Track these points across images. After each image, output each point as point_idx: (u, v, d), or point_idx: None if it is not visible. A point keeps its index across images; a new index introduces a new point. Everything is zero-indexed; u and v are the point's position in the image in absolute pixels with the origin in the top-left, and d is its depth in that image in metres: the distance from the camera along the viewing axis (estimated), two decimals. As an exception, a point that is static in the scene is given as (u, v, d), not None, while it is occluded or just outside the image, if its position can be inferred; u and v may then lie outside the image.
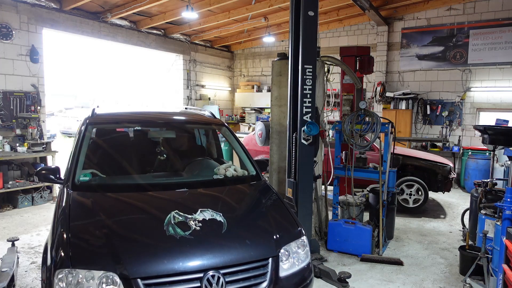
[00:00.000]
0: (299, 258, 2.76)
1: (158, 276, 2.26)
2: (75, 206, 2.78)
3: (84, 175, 3.12)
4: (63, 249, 2.34)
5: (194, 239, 2.49)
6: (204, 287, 2.30)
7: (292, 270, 2.66)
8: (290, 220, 3.02)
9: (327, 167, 5.37)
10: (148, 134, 4.23)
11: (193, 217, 2.65)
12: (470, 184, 8.68)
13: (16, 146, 6.85)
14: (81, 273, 2.22)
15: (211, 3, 8.55)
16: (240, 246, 2.58)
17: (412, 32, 10.24)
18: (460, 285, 4.10)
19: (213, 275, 2.34)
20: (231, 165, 3.71)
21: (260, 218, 2.98)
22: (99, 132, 3.85)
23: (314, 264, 4.19)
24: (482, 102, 9.58)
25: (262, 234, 2.77)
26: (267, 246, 2.65)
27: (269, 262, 2.56)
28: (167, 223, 2.56)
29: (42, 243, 5.08)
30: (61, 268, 2.24)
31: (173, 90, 11.65)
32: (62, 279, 2.22)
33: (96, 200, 2.84)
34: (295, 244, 2.78)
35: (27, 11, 7.36)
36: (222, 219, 2.70)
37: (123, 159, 3.70)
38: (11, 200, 6.79)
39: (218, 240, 2.56)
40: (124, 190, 3.12)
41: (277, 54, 5.60)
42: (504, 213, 3.38)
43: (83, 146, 3.31)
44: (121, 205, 2.93)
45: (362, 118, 4.99)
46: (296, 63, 4.54)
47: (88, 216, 2.67)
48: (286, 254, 2.69)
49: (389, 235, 5.44)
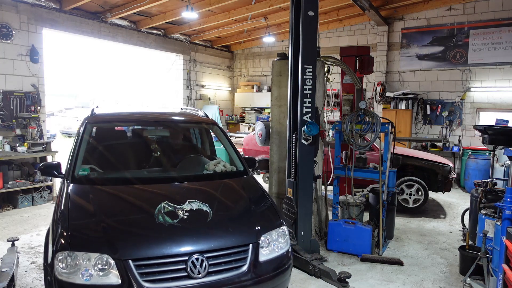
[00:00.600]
0: (279, 246, 3.01)
1: (147, 258, 2.53)
2: (74, 197, 3.03)
3: (83, 170, 3.37)
4: (62, 235, 2.60)
5: (181, 226, 2.76)
6: (189, 268, 2.56)
7: (271, 256, 2.92)
8: (272, 211, 3.27)
9: (327, 167, 5.36)
10: (144, 132, 4.48)
11: (181, 207, 2.91)
12: (470, 184, 8.68)
13: (16, 146, 6.84)
14: (79, 255, 2.49)
15: (211, 3, 8.55)
16: (223, 233, 2.86)
17: (412, 32, 10.24)
18: (460, 285, 4.10)
19: (197, 258, 2.61)
20: (221, 162, 3.98)
21: (244, 208, 3.25)
22: (97, 130, 4.05)
23: (314, 264, 4.20)
24: (482, 102, 9.58)
25: (244, 223, 3.06)
26: (248, 233, 2.92)
27: (249, 248, 2.83)
28: (157, 212, 2.82)
29: (42, 243, 5.08)
30: (61, 251, 2.50)
31: (173, 90, 11.65)
32: (62, 260, 2.48)
33: (93, 192, 3.11)
34: (275, 233, 3.04)
35: (27, 11, 7.36)
36: (208, 209, 2.96)
37: (120, 155, 3.98)
38: (11, 200, 6.79)
39: (203, 227, 2.83)
40: (119, 183, 3.37)
41: (277, 54, 5.60)
42: (504, 213, 3.38)
43: (82, 144, 3.56)
44: (116, 196, 3.18)
45: (362, 118, 4.99)
46: (296, 63, 4.54)
47: (86, 206, 2.94)
48: (266, 241, 2.95)
49: (389, 235, 5.44)
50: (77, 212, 2.86)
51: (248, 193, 3.46)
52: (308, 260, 4.27)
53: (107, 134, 4.24)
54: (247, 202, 3.33)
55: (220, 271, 2.66)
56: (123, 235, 2.71)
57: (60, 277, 2.45)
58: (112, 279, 2.46)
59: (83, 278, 2.45)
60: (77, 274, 2.45)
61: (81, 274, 2.45)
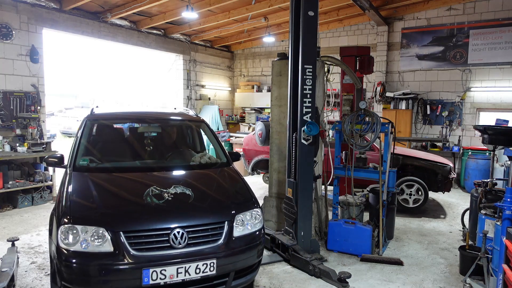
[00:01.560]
0: (252, 225, 3.49)
1: (136, 231, 3.01)
2: (75, 182, 3.52)
3: (83, 160, 3.88)
4: (65, 212, 3.09)
5: (166, 206, 3.26)
6: (171, 240, 3.03)
7: (244, 233, 3.40)
8: (247, 196, 3.75)
9: (327, 167, 5.36)
10: (138, 129, 4.97)
11: (167, 191, 3.39)
12: (470, 184, 8.68)
13: (16, 146, 6.84)
14: (78, 228, 2.95)
15: (211, 3, 8.55)
16: (202, 212, 3.35)
17: (412, 32, 10.24)
18: (460, 285, 4.10)
19: (178, 231, 3.07)
20: (206, 154, 4.54)
21: (222, 193, 3.73)
22: (96, 127, 4.51)
23: (314, 264, 4.20)
24: (482, 102, 9.58)
25: (222, 204, 3.55)
26: (224, 213, 3.39)
27: (225, 225, 3.30)
28: (146, 195, 3.31)
29: (42, 243, 5.08)
30: (63, 225, 2.97)
31: (173, 90, 11.65)
32: (64, 233, 2.95)
33: (91, 178, 3.59)
34: (249, 214, 3.52)
35: (27, 11, 7.36)
36: (190, 193, 3.46)
37: (116, 149, 4.50)
38: (11, 200, 6.78)
39: (184, 207, 3.33)
40: (115, 171, 3.90)
41: (277, 54, 5.60)
42: (504, 213, 3.38)
43: (82, 138, 4.10)
44: (111, 182, 3.67)
45: (362, 118, 4.99)
46: (296, 63, 4.54)
47: (85, 189, 3.44)
48: (241, 220, 3.42)
49: (389, 235, 5.44)
50: (77, 193, 3.36)
51: (228, 181, 3.96)
52: (308, 260, 4.27)
53: (105, 130, 4.68)
54: (226, 188, 3.81)
55: (198, 243, 3.13)
56: (116, 212, 3.20)
57: (63, 246, 2.91)
58: (106, 247, 2.92)
59: (82, 247, 2.90)
60: (76, 244, 2.91)
61: (80, 243, 2.91)
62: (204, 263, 3.07)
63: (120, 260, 2.89)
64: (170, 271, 2.96)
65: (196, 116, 5.16)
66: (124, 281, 2.91)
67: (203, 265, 3.07)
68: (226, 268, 3.21)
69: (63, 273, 2.91)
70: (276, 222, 5.51)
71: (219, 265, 3.14)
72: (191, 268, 3.03)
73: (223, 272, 3.19)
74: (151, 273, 2.91)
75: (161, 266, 2.94)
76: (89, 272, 2.88)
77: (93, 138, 4.40)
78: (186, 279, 3.01)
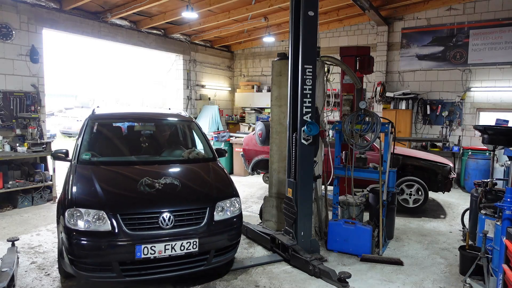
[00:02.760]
0: (231, 211, 4.06)
1: (130, 213, 3.60)
2: (79, 173, 4.07)
3: (85, 155, 4.40)
4: (70, 197, 3.69)
5: (156, 193, 3.83)
6: (160, 222, 3.61)
7: (224, 217, 3.97)
8: (228, 186, 4.30)
9: (327, 167, 5.36)
10: (135, 128, 5.50)
11: (158, 181, 3.96)
12: (470, 184, 8.68)
13: (16, 146, 6.84)
14: (82, 210, 3.53)
15: (211, 3, 8.55)
16: (187, 199, 3.95)
17: (412, 32, 10.24)
18: (460, 285, 4.10)
19: (166, 214, 3.65)
20: (194, 150, 5.07)
21: (206, 183, 4.28)
22: (97, 126, 5.00)
23: (314, 264, 4.20)
24: (482, 102, 9.58)
25: (205, 193, 4.09)
26: (206, 200, 3.96)
27: (207, 210, 3.87)
28: (139, 184, 3.88)
29: (42, 243, 5.09)
30: (69, 208, 3.55)
31: (173, 90, 11.64)
32: (69, 215, 3.53)
33: (93, 169, 4.15)
34: (229, 202, 4.08)
35: (27, 11, 7.36)
36: (178, 183, 4.04)
37: (114, 145, 5.02)
38: (11, 200, 6.78)
39: (172, 195, 3.91)
40: (113, 164, 4.44)
41: (277, 54, 5.59)
42: (504, 213, 3.38)
43: (85, 135, 4.64)
44: (110, 173, 4.21)
45: (362, 118, 4.99)
46: (296, 63, 4.54)
47: (87, 178, 3.96)
48: (221, 207, 3.99)
49: (389, 235, 5.44)
50: (81, 182, 3.92)
51: (212, 173, 4.46)
52: (308, 260, 4.27)
53: (105, 128, 5.17)
54: (210, 179, 4.34)
55: (183, 225, 3.70)
56: (114, 198, 3.78)
57: (69, 225, 3.49)
58: (105, 227, 3.49)
59: (85, 226, 3.48)
60: (80, 223, 3.49)
61: (83, 223, 3.49)
62: (188, 241, 3.65)
63: (117, 237, 3.47)
64: (158, 248, 3.54)
65: (188, 116, 5.69)
66: (120, 255, 3.48)
67: (187, 243, 3.64)
68: (207, 246, 3.77)
69: (70, 248, 3.47)
70: (276, 222, 5.52)
71: (201, 243, 3.71)
72: (176, 246, 3.60)
73: (204, 250, 3.76)
74: (143, 249, 3.49)
75: (151, 243, 3.52)
76: (91, 247, 3.46)
77: (95, 135, 4.88)
78: (172, 254, 3.60)
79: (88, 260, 3.49)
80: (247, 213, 6.75)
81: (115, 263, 3.47)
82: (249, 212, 6.82)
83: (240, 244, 5.16)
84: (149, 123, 5.55)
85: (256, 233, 5.22)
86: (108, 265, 3.49)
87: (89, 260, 3.49)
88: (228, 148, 10.45)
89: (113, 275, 3.50)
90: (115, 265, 3.48)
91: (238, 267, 4.38)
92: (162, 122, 5.62)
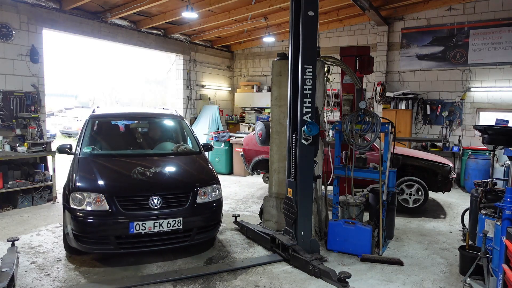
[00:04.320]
0: (211, 195, 4.70)
1: (125, 196, 4.26)
2: (81, 163, 4.74)
3: (87, 148, 5.08)
4: (74, 183, 4.36)
5: (147, 180, 4.47)
6: (150, 203, 4.25)
7: (205, 201, 4.61)
8: (210, 174, 4.97)
9: (327, 167, 5.36)
10: (131, 125, 6.17)
11: (149, 170, 4.61)
12: (470, 184, 8.68)
13: (16, 146, 6.84)
14: (84, 194, 4.20)
15: (211, 3, 8.55)
16: (174, 184, 4.65)
17: (412, 32, 10.24)
18: (460, 285, 4.10)
19: (155, 197, 4.30)
20: (183, 145, 5.71)
21: (190, 172, 5.03)
22: (97, 123, 5.70)
23: (314, 264, 4.20)
24: (482, 102, 9.58)
25: (189, 180, 4.79)
26: (190, 186, 4.60)
27: (190, 194, 4.51)
28: (133, 172, 4.52)
29: (42, 243, 5.09)
30: (73, 192, 4.24)
31: (173, 90, 11.65)
32: (73, 197, 4.21)
33: (93, 161, 4.84)
34: (210, 188, 4.73)
35: (27, 11, 7.37)
36: (166, 172, 4.81)
37: (113, 140, 5.70)
38: (11, 200, 6.78)
39: (161, 181, 4.61)
40: (111, 156, 5.13)
41: (277, 54, 5.59)
42: (504, 213, 3.38)
43: (86, 132, 5.33)
44: (108, 163, 4.88)
45: (362, 118, 4.99)
46: (296, 63, 4.54)
47: (89, 168, 4.64)
48: (203, 192, 4.62)
49: (389, 235, 5.44)
50: (83, 171, 4.59)
51: (197, 164, 5.21)
52: (308, 260, 4.27)
53: (104, 126, 5.85)
54: (194, 169, 5.09)
55: (169, 206, 4.33)
56: (111, 183, 4.43)
57: (74, 206, 4.17)
58: (104, 207, 4.15)
59: (87, 207, 4.15)
60: (83, 205, 4.16)
61: (85, 204, 4.15)
62: (174, 220, 4.27)
63: (113, 216, 4.12)
64: (148, 225, 4.17)
65: (178, 116, 6.38)
66: (117, 230, 4.12)
67: (172, 221, 4.26)
68: (190, 224, 4.39)
69: (74, 226, 4.12)
70: (276, 222, 5.52)
71: (185, 222, 4.33)
72: (164, 223, 4.23)
73: (188, 228, 4.38)
74: (135, 225, 4.12)
75: (142, 221, 4.14)
76: (92, 224, 4.11)
77: (95, 132, 5.57)
78: (160, 230, 4.22)
79: (90, 235, 4.12)
80: (247, 213, 6.75)
81: (112, 237, 4.10)
82: (249, 212, 6.83)
83: (240, 244, 5.19)
84: (143, 121, 6.23)
85: (256, 233, 5.22)
86: (106, 239, 4.11)
87: (91, 235, 4.12)
88: (228, 148, 10.45)
89: (111, 247, 4.13)
90: (112, 239, 4.11)
91: (238, 267, 4.38)
92: (155, 120, 6.26)
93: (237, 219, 5.85)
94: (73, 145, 5.24)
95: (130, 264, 4.45)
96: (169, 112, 6.46)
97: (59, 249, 4.88)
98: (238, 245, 5.15)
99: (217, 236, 5.47)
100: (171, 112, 6.50)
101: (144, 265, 4.43)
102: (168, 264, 4.48)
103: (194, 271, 4.26)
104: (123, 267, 4.38)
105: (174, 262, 4.54)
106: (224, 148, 10.41)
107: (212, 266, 4.43)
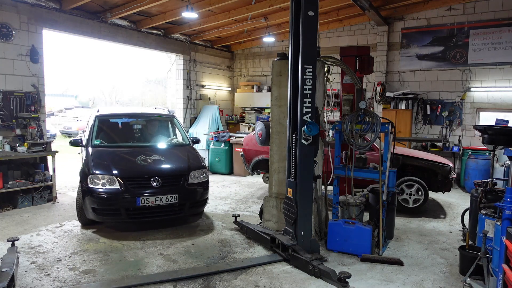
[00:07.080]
0: (199, 177, 5.80)
1: (132, 177, 5.38)
2: (93, 153, 5.83)
3: (96, 141, 6.20)
4: (90, 168, 5.44)
5: (149, 165, 5.61)
6: (151, 182, 5.35)
7: (195, 181, 5.72)
8: (198, 162, 6.05)
9: (327, 167, 5.36)
10: (130, 122, 7.22)
11: (150, 158, 5.75)
12: (470, 184, 8.68)
13: (16, 146, 6.84)
14: (99, 175, 5.29)
15: (211, 3, 8.55)
16: (170, 168, 5.74)
17: (412, 32, 10.25)
18: (460, 285, 4.10)
19: (156, 178, 5.39)
20: (175, 139, 6.98)
21: (182, 159, 6.02)
22: (103, 121, 6.77)
23: (314, 264, 4.20)
24: (482, 102, 9.58)
25: (182, 165, 5.84)
26: (183, 170, 5.72)
27: (183, 176, 5.62)
28: (137, 159, 5.65)
29: (42, 243, 5.09)
30: (90, 175, 5.31)
31: (173, 90, 11.65)
32: (91, 179, 5.29)
33: (103, 151, 5.96)
34: (199, 171, 5.86)
35: (27, 11, 7.37)
36: (163, 159, 5.85)
37: (116, 135, 6.84)
38: (11, 200, 6.78)
39: (160, 166, 5.69)
40: (116, 147, 6.20)
41: (277, 54, 5.59)
42: (504, 213, 3.38)
43: (94, 128, 6.42)
44: (115, 152, 5.96)
45: (362, 118, 4.99)
46: (296, 63, 4.54)
47: (101, 156, 5.74)
48: (193, 175, 5.72)
49: (389, 235, 5.44)
50: (96, 158, 5.66)
51: (187, 154, 6.23)
52: (308, 260, 4.27)
53: (109, 123, 7.00)
54: (185, 157, 6.08)
55: (167, 185, 5.43)
56: (121, 167, 5.49)
57: (91, 186, 5.25)
58: (116, 186, 5.24)
59: (102, 187, 5.23)
60: (98, 184, 5.25)
61: (101, 184, 5.24)
62: (171, 195, 5.37)
63: (124, 193, 5.22)
64: (151, 199, 5.28)
65: (171, 114, 7.61)
66: (126, 203, 5.21)
67: (170, 197, 5.36)
68: (184, 199, 5.50)
69: (92, 201, 5.20)
70: (276, 222, 5.52)
71: (180, 197, 5.44)
72: (163, 198, 5.33)
73: (182, 202, 5.49)
74: (141, 200, 5.23)
75: (146, 196, 5.26)
76: (107, 199, 5.21)
77: (101, 128, 6.60)
78: (161, 204, 5.32)
79: (105, 208, 5.24)
80: (247, 213, 6.75)
81: (122, 209, 5.21)
82: (249, 212, 6.83)
83: (240, 244, 5.20)
84: (141, 119, 7.35)
85: (256, 233, 5.23)
86: (118, 211, 5.23)
87: (105, 207, 5.24)
88: (228, 148, 10.45)
89: (122, 217, 5.28)
90: (123, 211, 5.22)
91: (238, 267, 4.38)
92: (151, 118, 7.43)
93: (237, 219, 5.85)
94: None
95: (130, 264, 4.46)
96: (163, 112, 7.69)
97: (59, 249, 4.89)
98: (238, 245, 5.16)
99: (217, 236, 5.51)
100: (164, 111, 7.79)
101: (144, 265, 4.44)
102: (168, 264, 4.49)
103: (194, 271, 4.27)
104: (123, 267, 4.39)
105: (174, 262, 4.55)
106: (224, 148, 10.41)
107: (212, 266, 4.43)
